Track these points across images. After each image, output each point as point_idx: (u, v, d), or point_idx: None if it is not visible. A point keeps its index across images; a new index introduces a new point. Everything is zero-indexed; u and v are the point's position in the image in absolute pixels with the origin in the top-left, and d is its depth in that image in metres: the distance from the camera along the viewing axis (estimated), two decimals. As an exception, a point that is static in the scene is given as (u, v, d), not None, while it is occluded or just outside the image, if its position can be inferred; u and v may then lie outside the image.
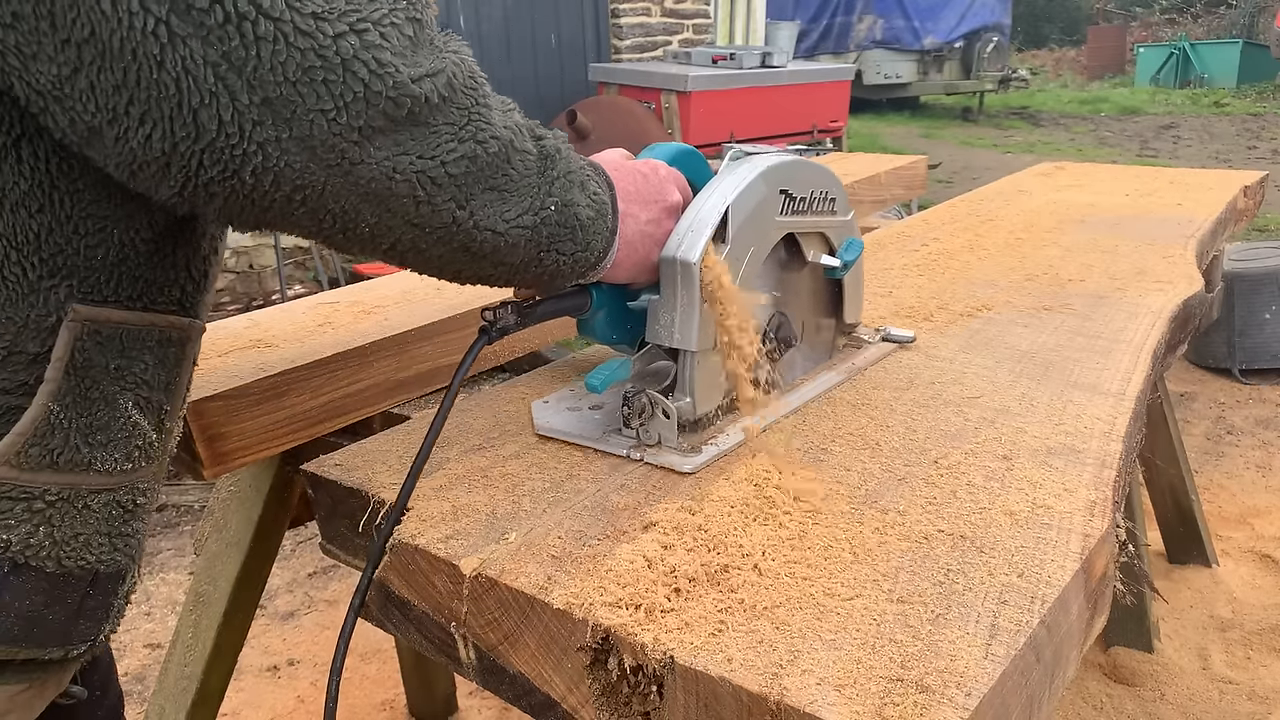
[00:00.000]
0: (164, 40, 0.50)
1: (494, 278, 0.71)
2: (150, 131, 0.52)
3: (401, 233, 0.62)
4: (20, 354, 0.59)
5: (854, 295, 1.04)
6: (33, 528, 0.60)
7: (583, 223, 0.73)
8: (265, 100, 0.53)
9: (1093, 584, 0.67)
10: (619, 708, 0.60)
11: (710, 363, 0.85)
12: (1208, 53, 13.96)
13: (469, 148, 0.61)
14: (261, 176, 0.55)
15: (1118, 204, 1.84)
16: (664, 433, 0.83)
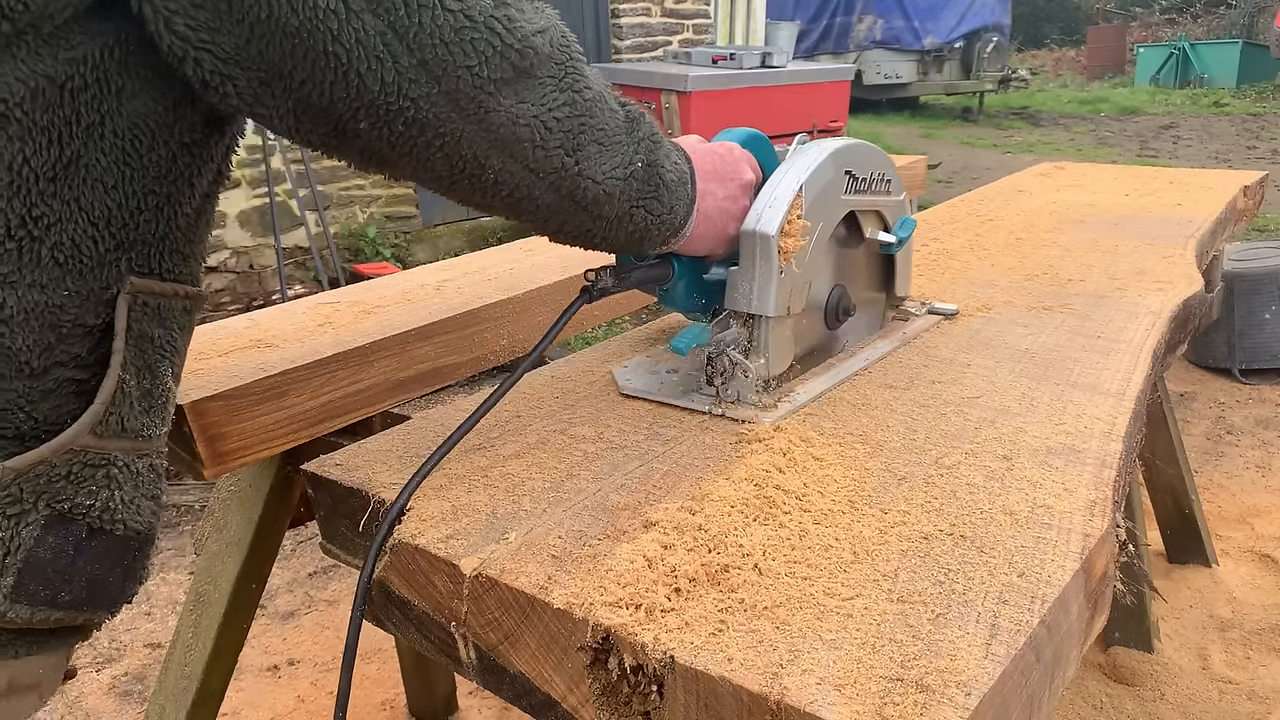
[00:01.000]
0: (341, 17, 0.57)
1: (593, 233, 0.78)
2: (311, 92, 0.59)
3: (520, 179, 0.70)
4: (81, 326, 0.62)
5: (904, 270, 1.13)
6: (109, 493, 0.64)
7: (667, 184, 0.81)
8: (422, 61, 0.61)
9: (1093, 584, 0.67)
10: (619, 707, 0.60)
11: (783, 327, 0.94)
12: (1207, 53, 13.96)
13: (569, 96, 0.69)
14: (410, 126, 0.62)
15: (1118, 204, 1.84)
16: (743, 390, 0.92)
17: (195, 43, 0.56)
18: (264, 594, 1.76)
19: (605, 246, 0.83)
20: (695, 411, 0.92)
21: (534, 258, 1.53)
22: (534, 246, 1.63)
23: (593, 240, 0.80)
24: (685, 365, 1.02)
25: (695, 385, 0.96)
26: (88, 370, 0.63)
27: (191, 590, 1.31)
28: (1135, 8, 20.22)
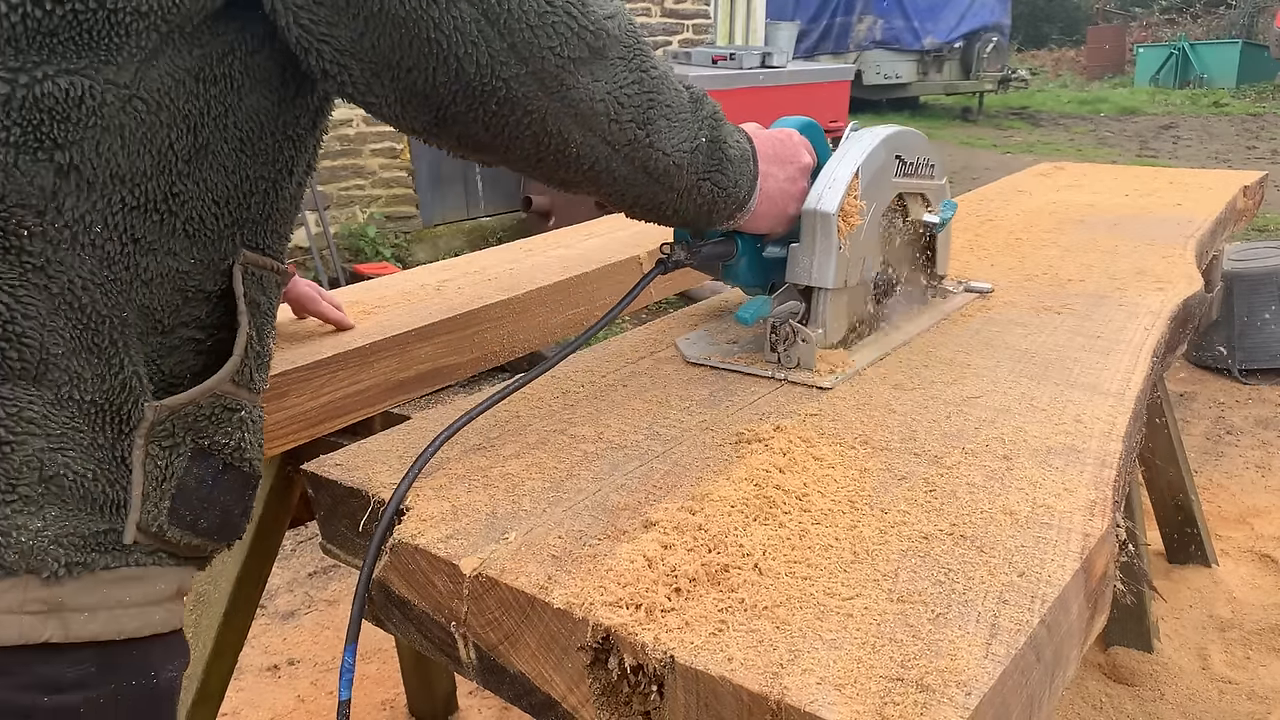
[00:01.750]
0: (441, 6, 0.64)
1: (665, 205, 0.85)
2: (416, 79, 0.67)
3: (599, 152, 0.77)
4: (202, 292, 0.71)
5: (944, 250, 1.22)
6: (240, 434, 0.73)
7: (730, 159, 0.88)
8: (511, 44, 0.67)
9: (1093, 583, 0.67)
10: (619, 707, 0.60)
11: (840, 299, 1.03)
12: (1207, 53, 13.97)
13: (637, 75, 0.77)
14: (502, 105, 0.70)
15: (1117, 204, 1.84)
16: (804, 356, 1.01)
17: (317, 36, 0.64)
18: (264, 594, 1.76)
19: (677, 219, 0.89)
20: (758, 376, 1.01)
21: (534, 258, 1.53)
22: (533, 247, 1.63)
23: (664, 213, 0.87)
24: (744, 336, 1.12)
25: (756, 353, 1.05)
26: (205, 331, 0.72)
27: (191, 590, 1.31)
28: (1135, 8, 20.22)
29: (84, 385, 0.63)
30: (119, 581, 0.65)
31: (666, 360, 1.06)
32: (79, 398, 0.63)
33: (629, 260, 1.50)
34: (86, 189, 0.61)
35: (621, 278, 1.48)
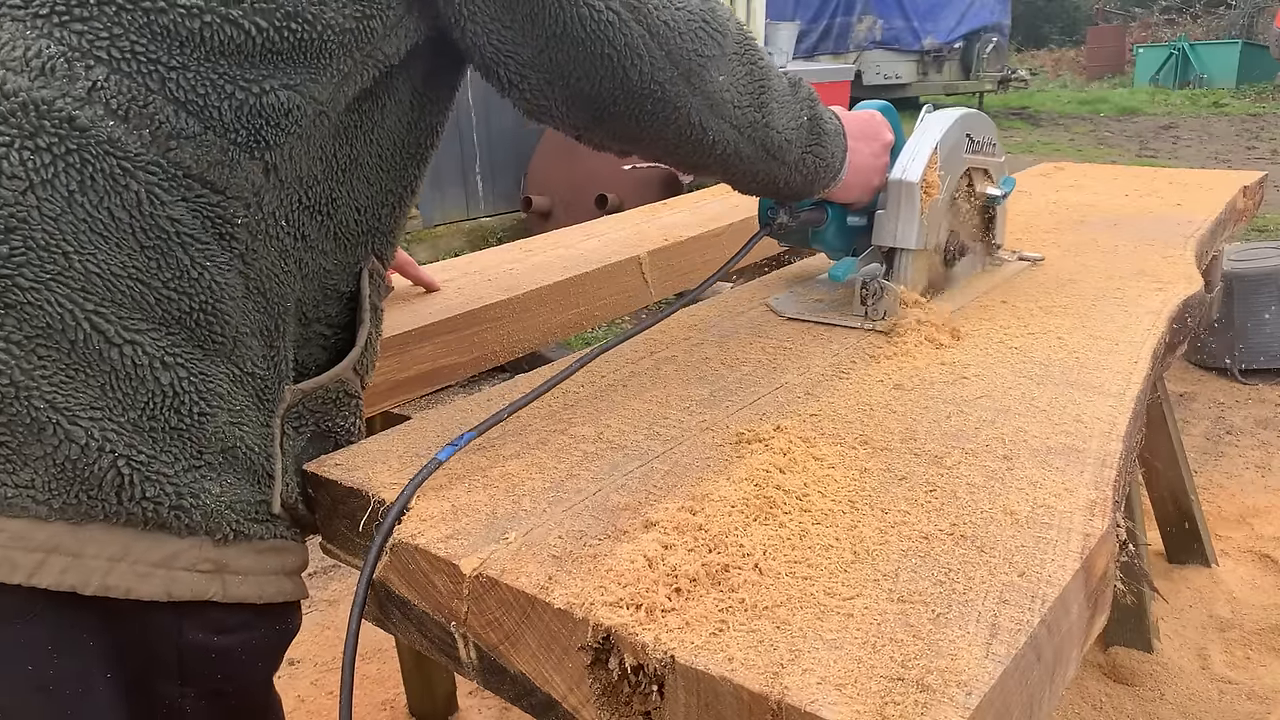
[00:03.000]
0: (617, 26, 0.74)
1: (778, 178, 0.97)
2: (585, 86, 0.77)
3: (729, 136, 0.87)
4: (336, 291, 0.81)
5: (1002, 221, 1.35)
6: (353, 419, 0.84)
7: (827, 133, 1.00)
8: (668, 52, 0.78)
9: (1093, 583, 0.67)
10: (620, 707, 0.60)
11: (920, 260, 1.16)
12: (1207, 53, 13.97)
13: (749, 68, 0.87)
14: (656, 105, 0.80)
15: (1117, 204, 1.84)
16: (889, 309, 1.14)
17: (503, 53, 0.75)
18: (264, 594, 1.76)
19: (787, 191, 1.01)
20: (849, 328, 1.14)
21: (534, 258, 1.53)
22: (533, 247, 1.63)
23: (778, 185, 0.99)
24: (828, 295, 1.26)
25: (844, 308, 1.19)
26: (331, 328, 0.82)
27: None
28: (1135, 8, 20.21)
29: (257, 364, 0.72)
30: (266, 551, 0.73)
31: (666, 360, 1.06)
32: (254, 375, 0.72)
33: (629, 260, 1.50)
34: (280, 187, 0.71)
35: (621, 278, 1.48)
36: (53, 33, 0.60)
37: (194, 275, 0.66)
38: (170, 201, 0.64)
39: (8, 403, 0.59)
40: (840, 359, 1.04)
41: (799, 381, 0.98)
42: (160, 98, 0.63)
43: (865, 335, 1.11)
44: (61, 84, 0.60)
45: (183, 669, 0.68)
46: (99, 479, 0.62)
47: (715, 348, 1.09)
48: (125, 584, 0.63)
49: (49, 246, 0.60)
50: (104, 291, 0.62)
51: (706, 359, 1.06)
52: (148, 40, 0.62)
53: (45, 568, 0.60)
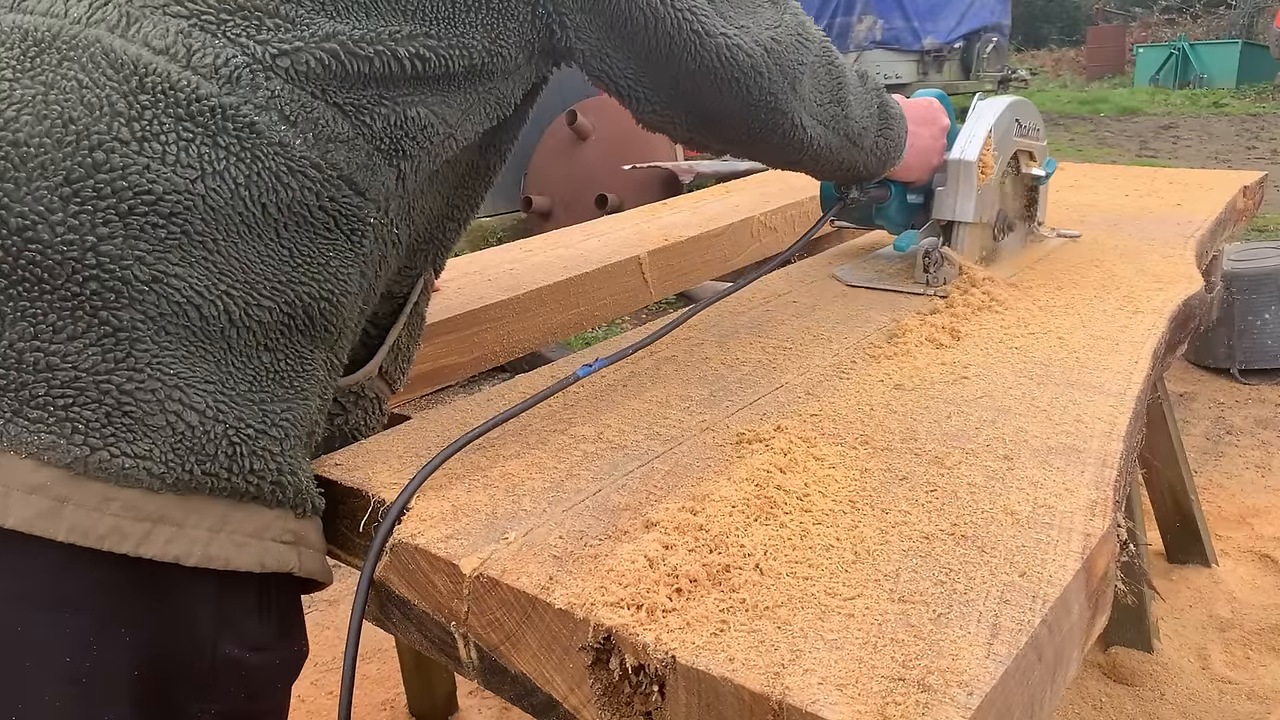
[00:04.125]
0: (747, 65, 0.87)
1: (858, 163, 1.09)
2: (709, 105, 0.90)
3: (818, 131, 0.99)
4: (392, 295, 0.86)
5: (1043, 200, 1.48)
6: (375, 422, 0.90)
7: (894, 116, 1.12)
8: (781, 68, 0.90)
9: (1094, 583, 0.67)
10: (621, 708, 0.60)
11: (975, 232, 1.29)
12: (1207, 53, 13.96)
13: (827, 66, 0.99)
14: (769, 113, 0.92)
15: (1118, 204, 1.83)
16: (948, 276, 1.27)
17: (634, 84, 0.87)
18: (264, 594, 1.75)
19: (864, 172, 1.13)
20: (912, 294, 1.25)
21: (534, 258, 1.53)
22: (533, 247, 1.63)
23: (857, 169, 1.11)
24: (888, 266, 1.38)
25: (904, 276, 1.31)
26: (377, 327, 0.87)
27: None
28: (1135, 8, 20.21)
29: (344, 356, 0.78)
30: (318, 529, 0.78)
31: (666, 360, 1.06)
32: (339, 366, 0.78)
33: (629, 260, 1.50)
34: (403, 195, 0.78)
35: (621, 278, 1.48)
36: (240, 42, 0.67)
37: (323, 267, 0.71)
38: (320, 199, 0.70)
39: (138, 372, 0.62)
40: (840, 359, 1.04)
41: (799, 381, 0.98)
42: (323, 104, 0.70)
43: (865, 335, 1.11)
44: (245, 92, 0.66)
45: (212, 683, 0.68)
46: (213, 450, 0.65)
47: (715, 348, 1.09)
48: (225, 554, 0.66)
49: (202, 233, 0.64)
50: (237, 275, 0.66)
51: (706, 359, 1.06)
52: (320, 60, 0.69)
53: (151, 538, 0.62)
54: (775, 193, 2.04)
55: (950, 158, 1.26)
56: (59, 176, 0.60)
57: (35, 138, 0.60)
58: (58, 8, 0.65)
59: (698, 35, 0.83)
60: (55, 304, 0.60)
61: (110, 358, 0.61)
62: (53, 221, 0.60)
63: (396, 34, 0.72)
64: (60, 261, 0.60)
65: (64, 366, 0.60)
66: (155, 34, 0.65)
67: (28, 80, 0.62)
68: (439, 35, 0.75)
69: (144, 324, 0.62)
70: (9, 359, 0.59)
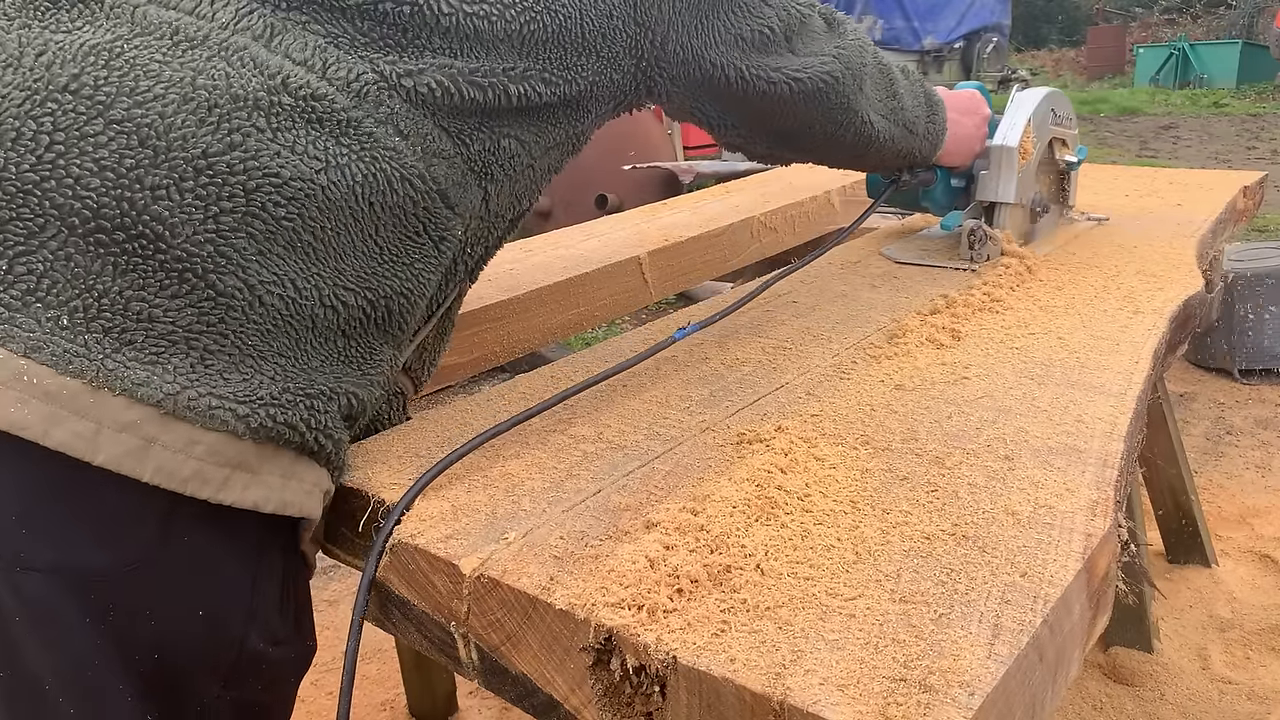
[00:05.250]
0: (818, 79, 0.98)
1: (914, 149, 1.20)
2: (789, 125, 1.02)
3: (881, 124, 1.09)
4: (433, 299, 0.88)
5: (1074, 185, 1.58)
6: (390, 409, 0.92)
7: (937, 102, 1.23)
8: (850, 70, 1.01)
9: (1095, 584, 0.67)
10: (621, 708, 0.60)
11: (1015, 213, 1.40)
12: (1207, 53, 13.95)
13: (877, 64, 1.08)
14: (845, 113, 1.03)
15: (1118, 204, 1.83)
16: (991, 253, 1.36)
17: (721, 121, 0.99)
18: (264, 594, 1.75)
19: (919, 157, 1.23)
20: (958, 270, 1.35)
21: (534, 258, 1.53)
22: (533, 247, 1.63)
23: (914, 154, 1.21)
24: (932, 245, 1.49)
25: (948, 253, 1.42)
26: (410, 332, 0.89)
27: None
28: (1135, 8, 20.21)
29: (404, 354, 0.84)
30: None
31: (666, 360, 1.06)
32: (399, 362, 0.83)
33: (629, 260, 1.50)
34: (486, 215, 0.85)
35: (621, 278, 1.48)
36: (370, 60, 0.73)
37: (407, 268, 0.77)
38: (417, 207, 0.76)
39: (225, 337, 0.67)
40: (841, 359, 1.04)
41: (799, 381, 0.98)
42: (431, 123, 0.76)
43: (865, 335, 1.11)
44: (369, 107, 0.73)
45: (234, 672, 0.70)
46: (288, 404, 0.69)
47: (715, 348, 1.09)
48: (298, 501, 0.71)
49: (314, 219, 0.70)
50: (332, 262, 0.72)
51: (706, 359, 1.06)
52: (440, 84, 0.76)
53: (230, 484, 0.66)
54: (775, 193, 2.04)
55: (993, 144, 1.36)
56: (197, 149, 0.65)
57: (181, 114, 0.66)
58: (204, 9, 0.71)
59: (774, 85, 0.95)
60: (167, 263, 0.64)
61: (204, 320, 0.66)
62: (184, 188, 0.65)
63: (511, 70, 0.79)
64: (181, 224, 0.64)
65: (164, 320, 0.64)
66: (295, 46, 0.71)
67: (177, 65, 0.67)
68: (549, 78, 0.82)
69: (241, 293, 0.67)
70: (116, 304, 0.63)
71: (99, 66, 0.65)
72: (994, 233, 1.36)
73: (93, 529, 0.63)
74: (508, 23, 0.78)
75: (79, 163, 0.63)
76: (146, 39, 0.68)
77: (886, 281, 1.34)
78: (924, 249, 1.47)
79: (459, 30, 0.76)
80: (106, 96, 0.64)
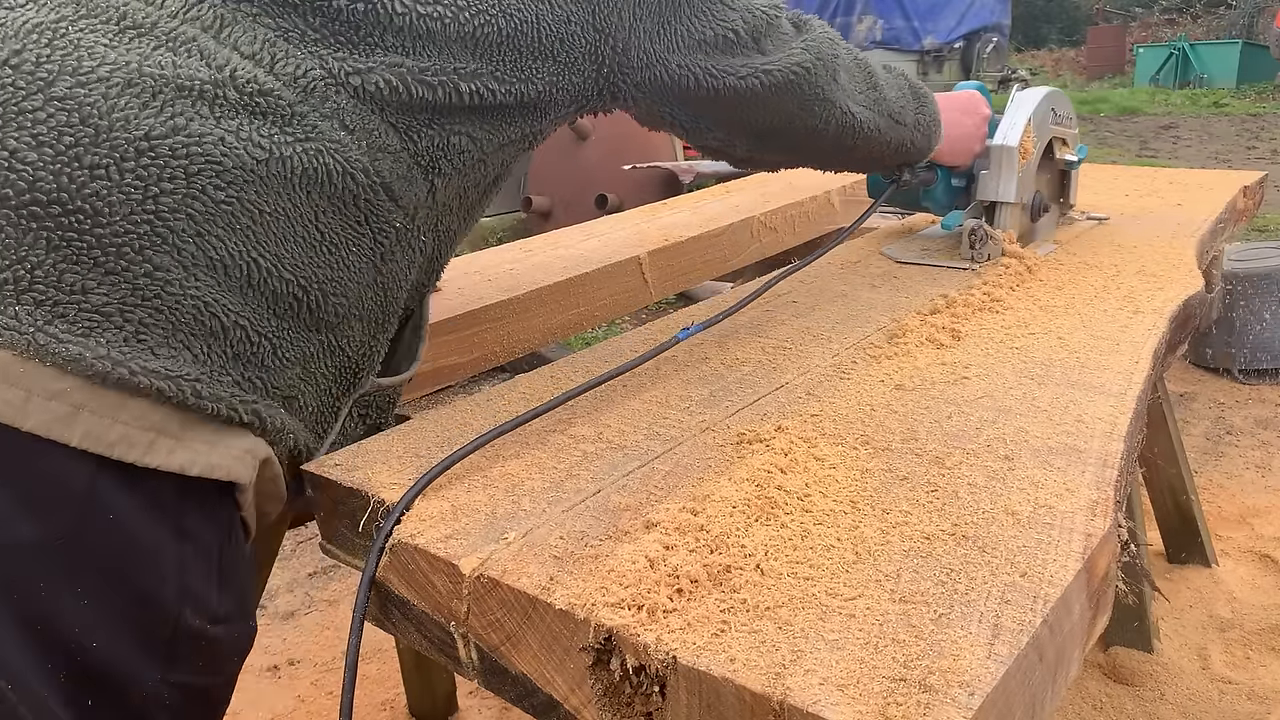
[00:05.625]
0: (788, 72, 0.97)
1: (905, 139, 1.17)
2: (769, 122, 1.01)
3: (865, 115, 1.08)
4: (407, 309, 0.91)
5: (1074, 184, 1.59)
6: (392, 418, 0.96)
7: (924, 94, 1.21)
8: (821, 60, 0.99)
9: (1095, 584, 0.67)
10: (621, 708, 0.60)
11: (1015, 212, 1.40)
12: (1207, 53, 13.94)
13: (855, 60, 1.08)
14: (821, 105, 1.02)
15: (1118, 204, 1.83)
16: (991, 253, 1.37)
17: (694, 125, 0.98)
18: (264, 594, 1.76)
19: (914, 150, 1.21)
20: (958, 269, 1.35)
21: (534, 258, 1.53)
22: (533, 247, 1.63)
23: (906, 146, 1.19)
24: (932, 244, 1.50)
25: (948, 253, 1.43)
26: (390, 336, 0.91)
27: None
28: (1135, 8, 20.21)
29: (353, 345, 0.83)
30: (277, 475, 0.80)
31: (666, 360, 1.06)
32: (346, 353, 0.82)
33: (629, 260, 1.50)
34: (432, 208, 0.84)
35: (621, 278, 1.48)
36: (318, 55, 0.74)
37: (342, 258, 0.78)
38: (359, 198, 0.77)
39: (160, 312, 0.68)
40: (841, 359, 1.04)
41: (799, 381, 0.98)
42: (379, 119, 0.77)
43: (865, 335, 1.11)
44: (315, 102, 0.73)
45: (172, 651, 0.70)
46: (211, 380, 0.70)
47: (715, 348, 1.09)
48: (225, 464, 0.71)
49: (253, 204, 0.71)
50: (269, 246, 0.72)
51: (706, 359, 1.06)
52: (388, 82, 0.76)
53: (156, 447, 0.66)
54: (775, 193, 2.04)
55: (994, 143, 1.37)
56: (139, 131, 0.66)
57: (124, 97, 0.66)
58: None
59: (744, 80, 0.93)
60: (104, 239, 0.65)
61: (138, 296, 0.66)
62: (124, 168, 0.66)
63: (462, 70, 0.79)
64: (120, 203, 0.66)
65: (97, 294, 0.65)
66: (244, 39, 0.72)
67: (123, 49, 0.68)
68: (502, 77, 0.82)
69: (176, 271, 0.68)
70: (50, 278, 0.64)
71: (41, 45, 0.66)
72: (994, 232, 1.37)
73: (21, 497, 0.62)
74: (461, 25, 0.78)
75: (16, 136, 0.63)
76: (92, 21, 0.69)
77: (886, 281, 1.34)
78: (924, 249, 1.48)
79: (411, 30, 0.76)
80: (48, 74, 0.65)
